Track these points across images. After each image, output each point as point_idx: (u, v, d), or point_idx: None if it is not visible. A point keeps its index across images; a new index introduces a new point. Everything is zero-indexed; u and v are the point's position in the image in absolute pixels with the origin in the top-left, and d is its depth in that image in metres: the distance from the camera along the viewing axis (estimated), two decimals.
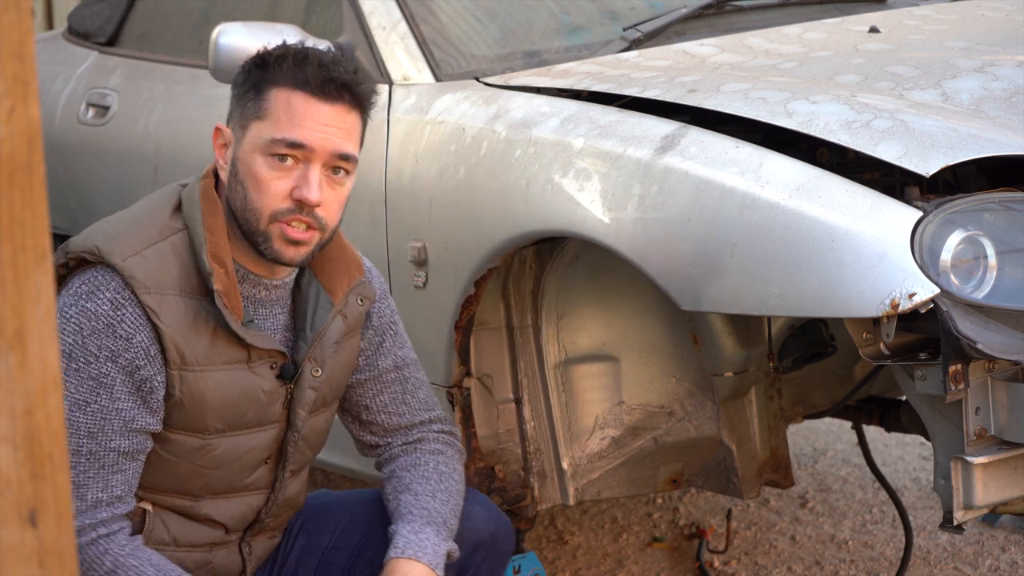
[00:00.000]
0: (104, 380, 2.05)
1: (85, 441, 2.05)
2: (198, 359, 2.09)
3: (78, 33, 4.09)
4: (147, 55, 3.76)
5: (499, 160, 2.61)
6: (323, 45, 2.87)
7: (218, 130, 2.16)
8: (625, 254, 2.39)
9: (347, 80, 2.10)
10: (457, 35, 3.00)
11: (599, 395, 2.87)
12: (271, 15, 3.33)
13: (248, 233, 2.11)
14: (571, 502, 2.88)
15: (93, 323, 2.04)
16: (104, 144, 3.67)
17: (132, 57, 3.81)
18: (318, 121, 2.09)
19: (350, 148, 2.11)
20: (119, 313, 2.05)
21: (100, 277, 2.06)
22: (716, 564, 3.51)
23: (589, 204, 2.44)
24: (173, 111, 3.47)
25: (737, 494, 2.87)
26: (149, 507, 2.16)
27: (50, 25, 7.57)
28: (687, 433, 2.89)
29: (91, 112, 3.76)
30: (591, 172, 2.46)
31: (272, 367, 2.17)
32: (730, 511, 3.57)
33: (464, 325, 2.70)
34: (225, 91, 3.27)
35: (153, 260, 2.07)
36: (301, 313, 2.22)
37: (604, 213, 2.42)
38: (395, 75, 2.93)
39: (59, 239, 3.92)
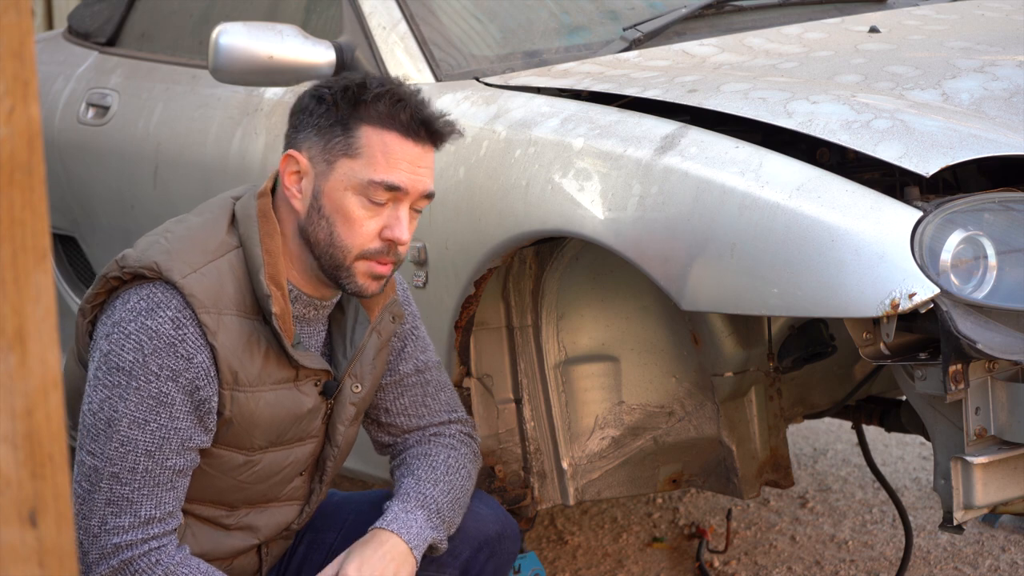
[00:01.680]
0: (164, 399, 2.04)
1: (143, 459, 2.05)
2: (250, 380, 2.11)
3: (78, 33, 4.09)
4: (147, 55, 3.76)
5: (499, 160, 2.61)
6: (323, 45, 2.88)
7: (291, 157, 2.13)
8: (625, 254, 2.39)
9: (438, 125, 2.14)
10: (457, 35, 3.00)
11: (599, 395, 2.87)
12: (271, 15, 3.33)
13: (330, 267, 2.12)
14: (571, 502, 2.88)
15: (155, 342, 2.03)
16: (104, 144, 3.67)
17: (132, 57, 3.81)
18: (412, 163, 2.12)
19: (433, 186, 2.17)
20: (180, 332, 2.04)
21: (160, 294, 2.05)
22: (716, 564, 3.51)
23: (589, 204, 2.44)
24: (173, 111, 3.47)
25: (737, 494, 2.87)
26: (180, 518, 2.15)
27: (50, 25, 7.57)
28: (687, 433, 2.89)
29: (91, 112, 3.76)
30: (591, 172, 2.46)
31: (316, 384, 2.19)
32: (730, 511, 3.57)
33: (464, 325, 2.70)
34: (225, 91, 3.28)
35: (211, 278, 2.07)
36: (340, 330, 2.24)
37: (604, 213, 2.42)
38: (395, 75, 2.92)
39: (59, 239, 3.93)
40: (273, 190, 2.18)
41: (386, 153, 2.10)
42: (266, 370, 2.13)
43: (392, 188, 2.10)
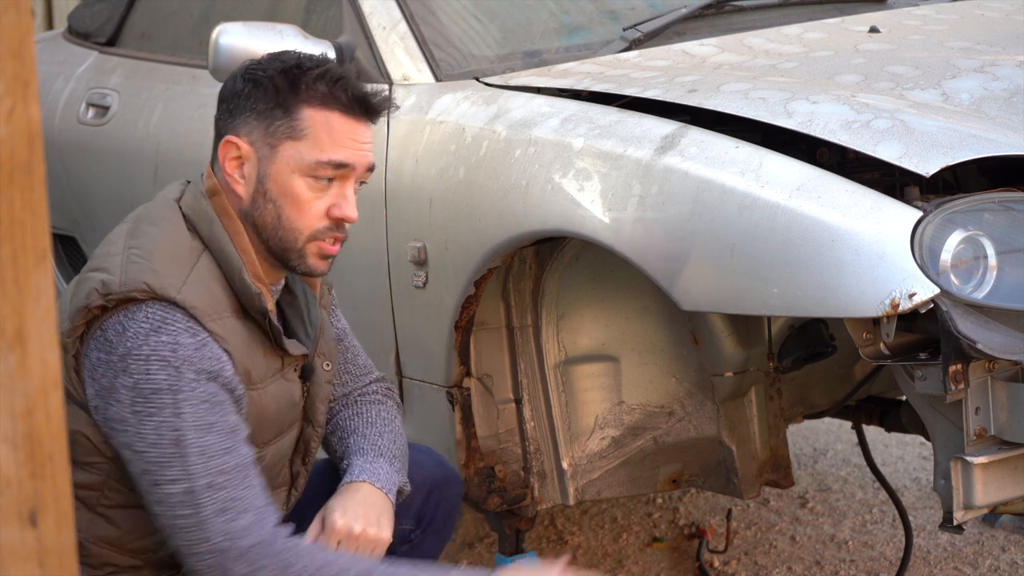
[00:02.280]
0: (214, 399, 2.01)
1: (225, 459, 2.01)
2: (259, 377, 2.11)
3: (78, 33, 4.09)
4: (147, 55, 3.76)
5: (499, 160, 2.61)
6: (323, 45, 2.88)
7: (231, 143, 2.12)
8: (625, 254, 2.39)
9: (376, 100, 2.14)
10: (457, 35, 3.00)
11: (599, 395, 2.87)
12: (271, 15, 3.33)
13: (281, 250, 2.12)
14: (571, 502, 2.88)
15: (179, 352, 1.99)
16: (104, 144, 3.67)
17: (132, 57, 3.81)
18: (356, 139, 2.12)
19: (373, 159, 2.17)
20: (199, 339, 2.01)
21: (160, 311, 2.01)
22: (716, 564, 3.51)
23: (589, 204, 2.44)
24: (173, 111, 3.47)
25: (737, 494, 2.87)
26: None
27: (50, 25, 7.57)
28: (687, 433, 2.89)
29: (91, 112, 3.76)
30: (591, 172, 2.46)
31: (295, 369, 2.19)
32: (730, 511, 3.57)
33: (464, 325, 2.70)
34: None
35: (201, 286, 2.05)
36: (295, 311, 2.24)
37: (604, 213, 2.42)
38: (395, 75, 2.93)
39: (59, 239, 3.93)
40: None
41: (331, 132, 2.10)
42: (265, 364, 2.13)
43: (340, 166, 2.11)
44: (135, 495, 2.07)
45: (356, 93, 2.12)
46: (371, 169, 2.16)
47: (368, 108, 2.13)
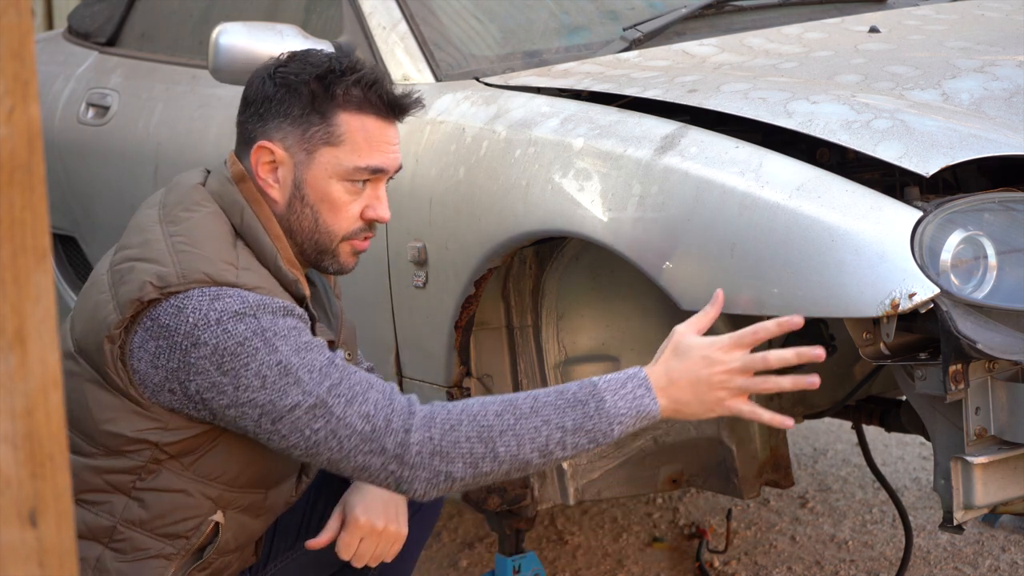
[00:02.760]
0: (298, 327, 2.02)
1: (330, 364, 2.01)
2: None
3: (78, 33, 4.09)
4: (147, 55, 3.76)
5: (499, 160, 2.61)
6: (323, 45, 2.88)
7: (265, 148, 2.11)
8: (625, 254, 2.40)
9: (407, 102, 2.17)
10: (457, 35, 3.00)
11: None
12: (271, 15, 3.33)
13: (314, 251, 2.15)
14: (571, 502, 2.88)
15: (249, 301, 1.99)
16: (104, 144, 3.67)
17: (132, 57, 3.81)
18: (389, 143, 2.15)
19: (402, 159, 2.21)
20: (261, 293, 2.02)
21: (217, 289, 2.00)
22: (716, 564, 3.51)
23: (589, 204, 2.44)
24: (173, 111, 3.47)
25: (737, 494, 2.87)
26: (220, 518, 2.13)
27: (50, 25, 7.58)
28: (687, 433, 2.89)
29: (91, 112, 3.76)
30: (591, 172, 2.46)
31: None
32: (730, 511, 3.57)
33: (464, 325, 2.70)
34: (225, 91, 3.28)
35: (254, 271, 2.06)
36: (317, 303, 2.26)
37: (604, 213, 2.42)
38: (395, 75, 2.93)
39: (59, 239, 3.93)
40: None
41: (367, 137, 2.12)
42: None
43: (377, 171, 2.14)
44: (173, 477, 2.09)
45: (390, 97, 2.14)
46: (399, 169, 2.19)
47: (401, 110, 2.16)
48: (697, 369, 1.97)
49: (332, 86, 2.11)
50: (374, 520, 2.23)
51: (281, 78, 2.12)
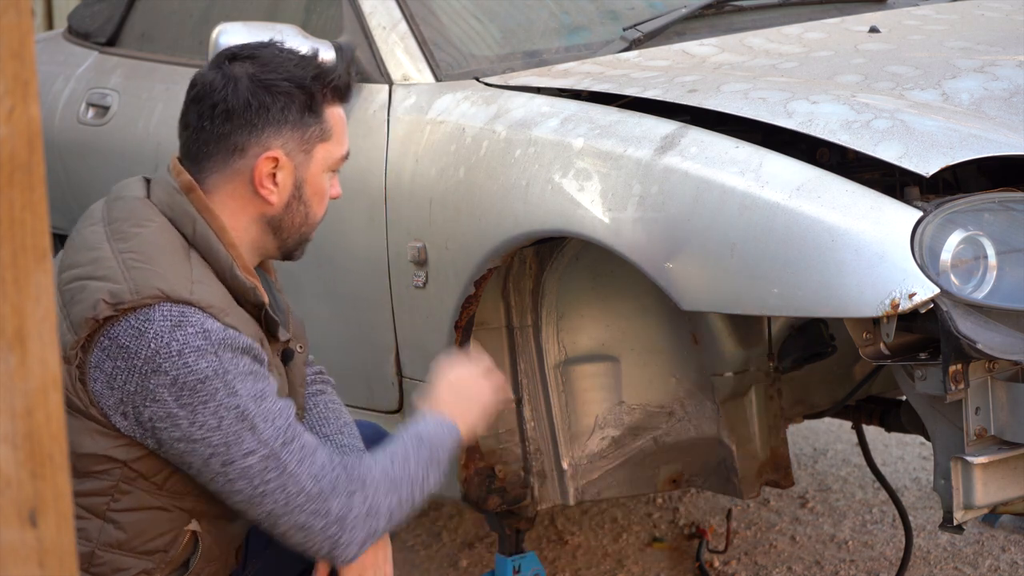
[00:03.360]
0: (255, 370, 2.03)
1: (284, 415, 2.05)
2: (266, 368, 2.11)
3: (78, 33, 4.09)
4: (147, 55, 3.76)
5: (499, 160, 2.61)
6: (323, 45, 2.88)
7: (271, 159, 2.10)
8: (625, 254, 2.39)
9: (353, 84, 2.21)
10: (457, 35, 3.00)
11: (599, 395, 2.87)
12: (271, 15, 3.33)
13: (296, 243, 2.17)
14: (571, 502, 2.88)
15: (212, 337, 1.99)
16: (104, 144, 3.67)
17: (132, 57, 3.81)
18: (347, 125, 2.21)
19: None
20: (221, 325, 2.01)
21: (176, 309, 1.99)
22: (716, 564, 3.51)
23: (589, 204, 2.44)
24: (173, 111, 3.46)
25: (737, 494, 2.87)
26: (196, 527, 2.12)
27: (50, 25, 7.58)
28: (687, 433, 2.89)
29: (91, 112, 3.76)
30: (591, 172, 2.46)
31: (276, 355, 2.19)
32: (730, 511, 3.57)
33: (464, 325, 2.70)
34: None
35: (207, 284, 2.04)
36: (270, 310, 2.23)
37: (604, 213, 2.42)
38: (395, 75, 2.93)
39: (59, 239, 3.93)
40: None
41: (343, 126, 2.17)
42: (266, 355, 2.13)
43: (347, 155, 2.19)
44: (145, 496, 2.07)
45: (351, 83, 2.18)
46: None
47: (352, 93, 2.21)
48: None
49: (321, 86, 2.12)
50: (361, 556, 2.19)
51: (272, 85, 2.09)
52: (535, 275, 2.78)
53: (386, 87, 2.91)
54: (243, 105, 2.09)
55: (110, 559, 2.09)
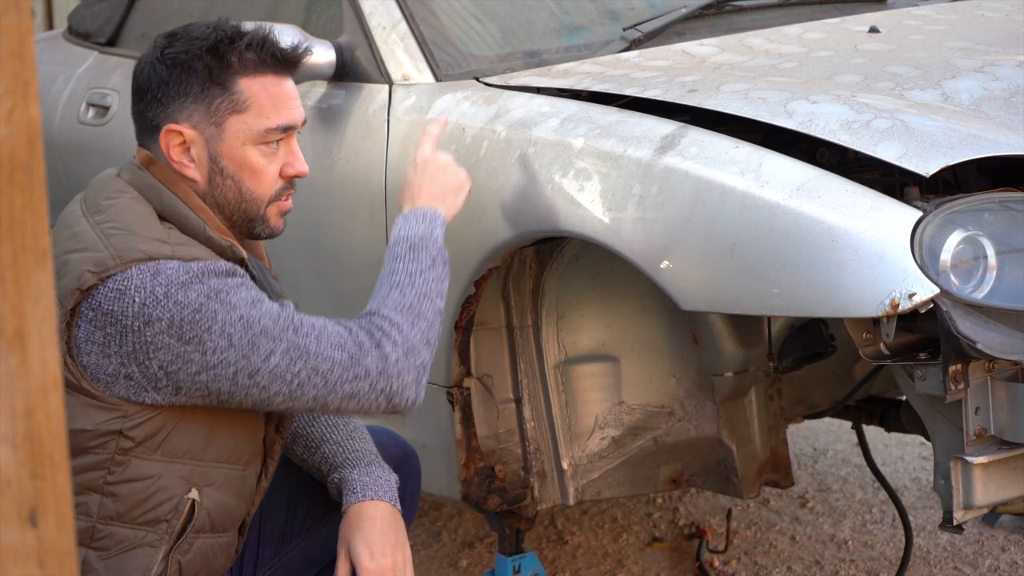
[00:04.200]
0: (243, 283, 2.03)
1: (287, 311, 2.05)
2: None
3: (78, 33, 4.09)
4: None
5: (499, 160, 2.61)
6: (323, 45, 2.88)
7: (173, 132, 2.12)
8: (625, 254, 2.39)
9: (296, 53, 2.20)
10: (457, 35, 3.00)
11: (599, 395, 2.87)
12: (271, 15, 3.33)
13: (245, 221, 2.16)
14: (571, 502, 2.88)
15: (193, 268, 2.00)
16: (104, 144, 3.67)
17: (132, 57, 3.81)
18: (292, 98, 2.18)
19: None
20: (204, 261, 2.03)
21: (155, 264, 2.01)
22: (716, 564, 3.51)
23: (589, 204, 2.44)
24: None
25: (737, 494, 2.87)
26: (196, 495, 2.12)
27: (50, 25, 7.58)
28: (687, 433, 2.89)
29: (91, 112, 3.76)
30: (591, 172, 2.46)
31: None
32: (730, 511, 3.57)
33: (464, 325, 2.70)
34: None
35: (187, 244, 2.06)
36: (259, 283, 2.23)
37: (604, 213, 2.42)
38: (395, 75, 2.93)
39: None
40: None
41: (271, 97, 2.15)
42: None
43: (286, 128, 2.16)
44: (142, 464, 2.08)
45: (282, 52, 2.17)
46: (305, 122, 2.23)
47: (294, 63, 2.19)
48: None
49: (225, 55, 2.13)
50: (381, 560, 2.21)
51: (171, 59, 2.14)
52: (535, 275, 2.78)
53: (386, 87, 2.91)
54: (149, 82, 2.16)
55: (111, 532, 2.10)
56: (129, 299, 1.99)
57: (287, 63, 2.17)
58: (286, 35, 2.81)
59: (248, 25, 2.21)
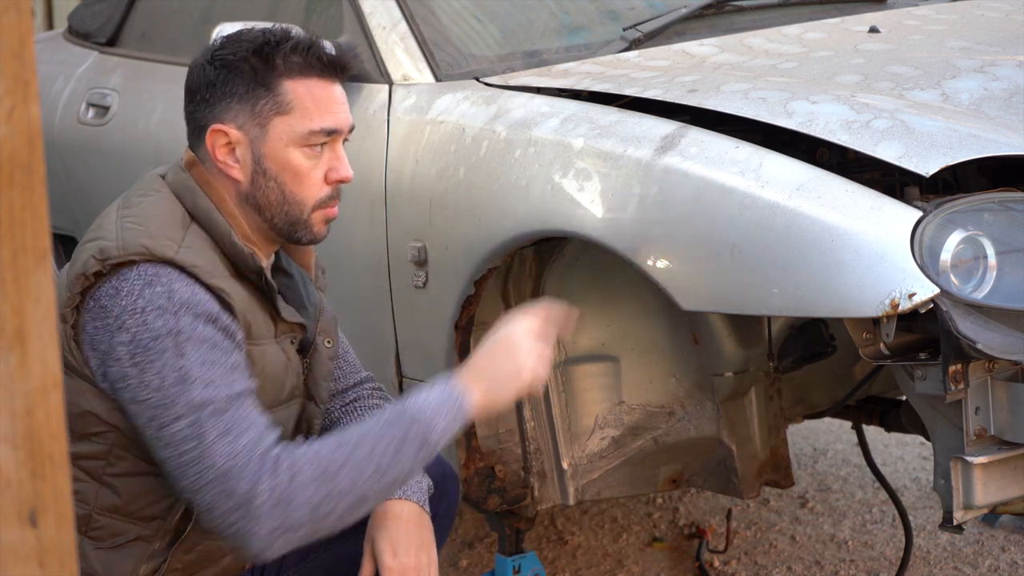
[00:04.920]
0: (213, 339, 2.00)
1: (228, 388, 1.99)
2: (259, 334, 2.11)
3: (78, 33, 4.09)
4: (147, 55, 3.76)
5: (499, 160, 2.61)
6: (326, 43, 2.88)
7: (219, 132, 2.13)
8: (625, 254, 2.39)
9: (347, 59, 2.19)
10: (457, 35, 3.00)
11: (599, 395, 2.87)
12: (271, 15, 3.33)
13: (286, 224, 2.15)
14: (571, 502, 2.88)
15: (175, 298, 1.99)
16: (104, 144, 3.67)
17: (132, 57, 3.81)
18: (337, 102, 2.16)
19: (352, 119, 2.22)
20: (192, 291, 2.01)
21: (155, 269, 2.01)
22: (716, 564, 3.51)
23: (589, 204, 2.44)
24: (173, 111, 3.46)
25: (737, 494, 2.87)
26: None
27: (50, 25, 7.58)
28: (687, 433, 2.89)
29: (91, 112, 3.76)
30: (591, 172, 2.46)
31: (292, 341, 2.19)
32: (730, 511, 3.57)
33: (464, 325, 2.70)
34: None
35: (197, 248, 2.06)
36: (292, 291, 2.24)
37: (604, 213, 2.42)
38: (395, 75, 2.93)
39: (59, 239, 3.93)
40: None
41: (315, 100, 2.14)
42: (264, 325, 2.13)
43: (331, 132, 2.15)
44: (140, 462, 2.08)
45: (329, 57, 2.16)
46: (352, 128, 2.20)
47: (343, 68, 2.18)
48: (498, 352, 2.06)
49: (271, 57, 2.13)
50: (404, 559, 2.19)
51: (220, 61, 2.14)
52: (535, 275, 2.78)
53: (386, 87, 2.91)
54: (198, 84, 2.16)
55: (107, 523, 2.11)
56: (119, 300, 2.00)
57: (334, 67, 2.16)
58: None
59: (297, 30, 2.21)
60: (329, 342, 2.26)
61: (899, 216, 2.19)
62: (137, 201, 2.13)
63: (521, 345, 2.04)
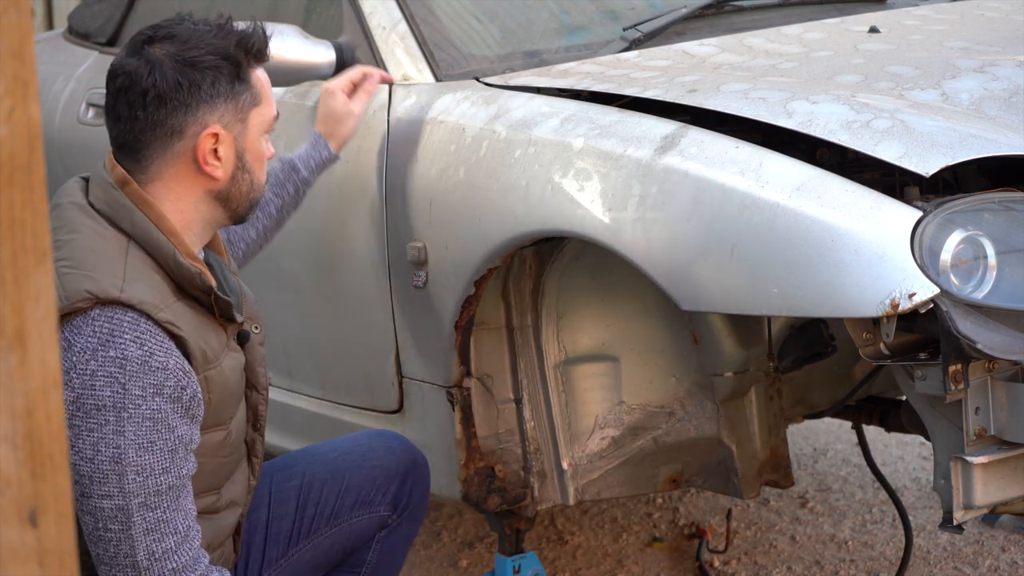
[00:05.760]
0: (158, 416, 1.98)
1: (163, 478, 1.99)
2: (214, 355, 2.09)
3: (78, 33, 4.09)
4: None
5: (499, 160, 2.61)
6: (323, 45, 2.88)
7: (212, 135, 2.10)
8: (625, 254, 2.39)
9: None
10: (457, 35, 3.00)
11: (599, 395, 2.87)
12: (271, 15, 3.33)
13: (246, 210, 2.17)
14: (571, 502, 2.88)
15: (128, 367, 1.96)
16: (104, 144, 3.66)
17: None
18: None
19: None
20: (146, 348, 1.97)
21: (106, 323, 1.97)
22: (716, 564, 3.51)
23: (589, 204, 2.44)
24: None
25: (737, 494, 2.87)
26: None
27: (50, 25, 7.57)
28: (687, 433, 2.89)
29: (91, 112, 3.76)
30: (591, 172, 2.46)
31: (233, 338, 2.19)
32: (730, 511, 3.57)
33: (464, 325, 2.70)
34: None
35: (141, 279, 2.02)
36: (217, 280, 2.21)
37: (604, 213, 2.42)
38: (395, 75, 2.93)
39: None
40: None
41: (268, 86, 2.18)
42: (217, 340, 2.12)
43: (277, 116, 2.21)
44: None
45: (267, 42, 2.20)
46: None
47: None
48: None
49: (247, 51, 2.14)
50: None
51: (196, 61, 2.09)
52: (535, 275, 2.78)
53: (386, 87, 2.91)
54: (173, 87, 2.08)
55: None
56: (70, 353, 1.96)
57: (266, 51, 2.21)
58: (287, 35, 2.82)
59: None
60: (257, 328, 2.24)
61: (899, 216, 2.19)
62: (66, 240, 2.04)
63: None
